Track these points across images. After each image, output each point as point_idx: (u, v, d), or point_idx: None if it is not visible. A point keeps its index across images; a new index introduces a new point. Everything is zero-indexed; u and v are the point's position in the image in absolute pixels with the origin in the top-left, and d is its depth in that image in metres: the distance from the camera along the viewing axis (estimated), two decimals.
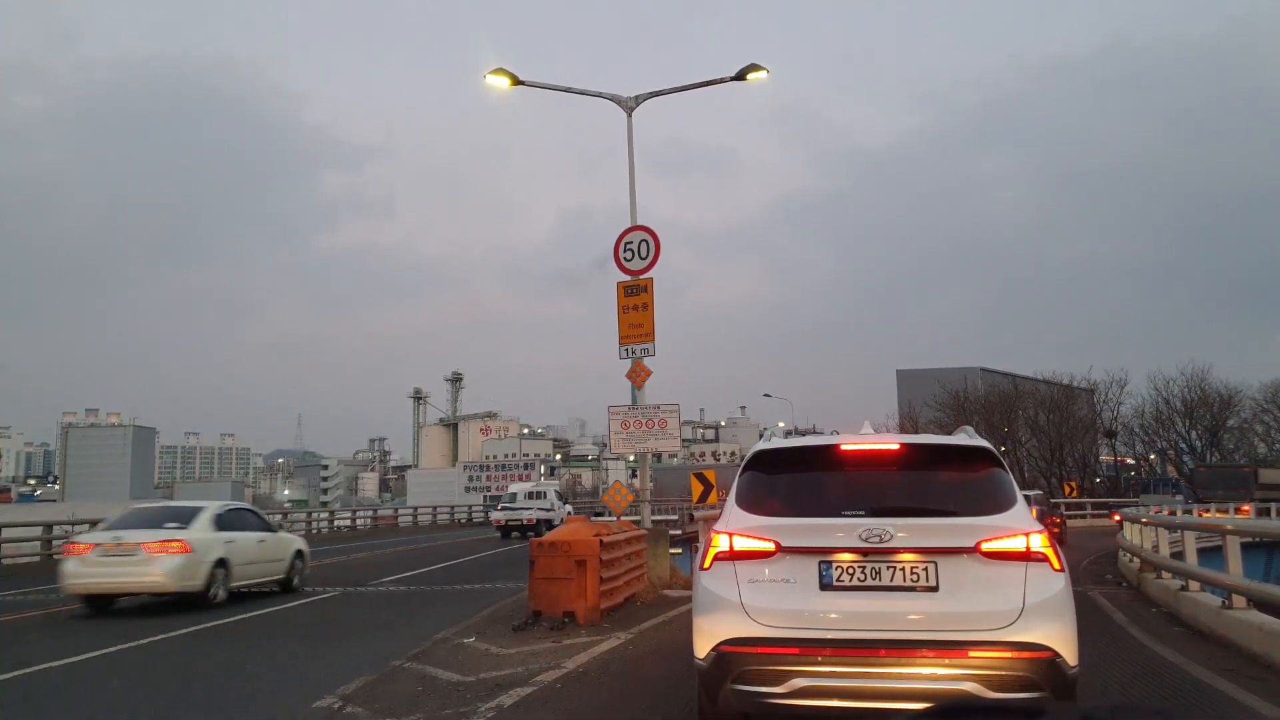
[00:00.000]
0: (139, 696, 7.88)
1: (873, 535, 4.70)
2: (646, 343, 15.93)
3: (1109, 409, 66.53)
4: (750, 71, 17.00)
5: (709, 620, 4.90)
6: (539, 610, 10.57)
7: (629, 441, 15.75)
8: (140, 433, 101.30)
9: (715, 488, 17.60)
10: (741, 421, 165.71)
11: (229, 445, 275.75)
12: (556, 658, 8.48)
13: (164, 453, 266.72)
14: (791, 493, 5.28)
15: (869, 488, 5.22)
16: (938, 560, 4.67)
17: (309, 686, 7.61)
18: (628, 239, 16.24)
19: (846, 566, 4.73)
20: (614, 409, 15.80)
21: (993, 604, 4.58)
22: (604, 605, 10.91)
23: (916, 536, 4.72)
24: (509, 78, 16.93)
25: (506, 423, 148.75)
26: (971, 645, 4.49)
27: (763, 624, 4.73)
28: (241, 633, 11.51)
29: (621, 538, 11.91)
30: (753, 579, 4.84)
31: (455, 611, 12.39)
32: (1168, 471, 67.89)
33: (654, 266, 16.11)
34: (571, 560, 10.51)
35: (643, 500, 15.98)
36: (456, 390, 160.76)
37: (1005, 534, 4.72)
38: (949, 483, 5.27)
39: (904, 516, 4.86)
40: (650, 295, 16.04)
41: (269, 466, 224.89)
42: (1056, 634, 4.55)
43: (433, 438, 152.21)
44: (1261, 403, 67.08)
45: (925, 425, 70.58)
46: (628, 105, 16.94)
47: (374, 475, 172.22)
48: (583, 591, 10.45)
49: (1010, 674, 4.46)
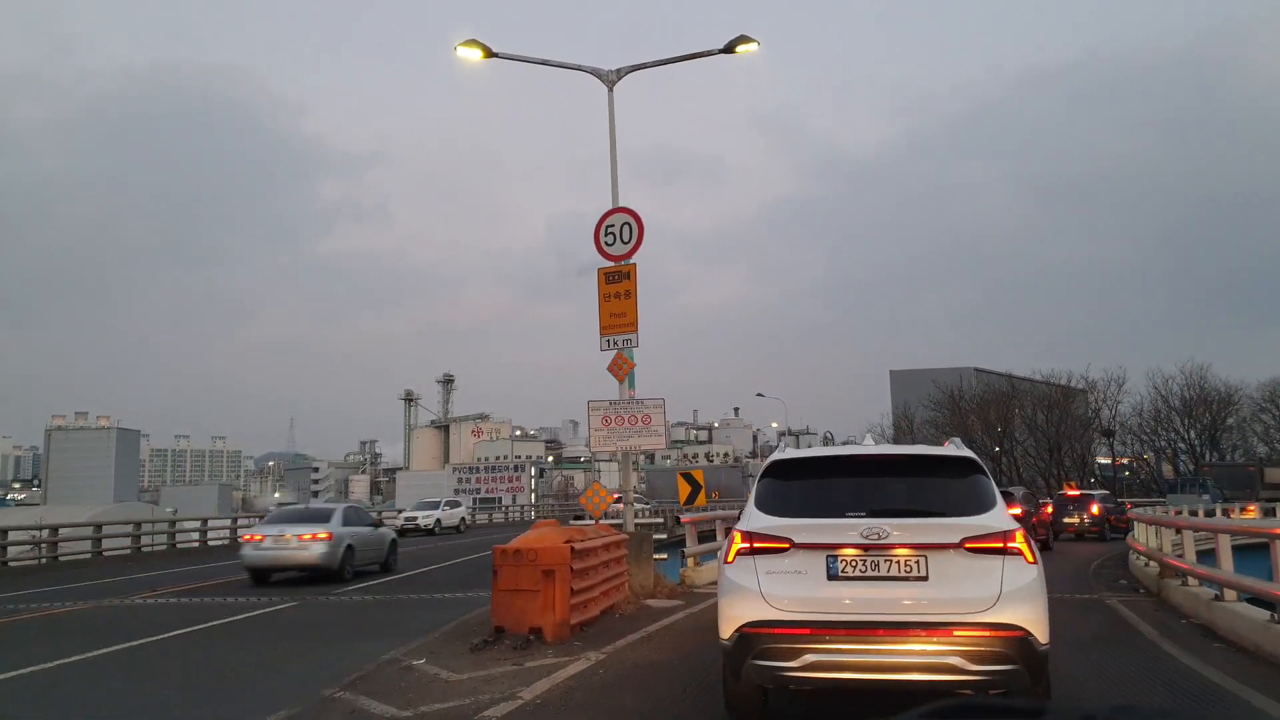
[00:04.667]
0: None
1: (872, 533, 5.34)
2: (629, 333, 14.80)
3: (1107, 408, 65.67)
4: (739, 44, 15.88)
5: (733, 605, 5.54)
6: (502, 626, 9.43)
7: (611, 439, 14.59)
8: (125, 435, 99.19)
9: (704, 488, 16.48)
10: (734, 423, 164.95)
11: (220, 448, 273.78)
12: (513, 685, 7.34)
13: (154, 456, 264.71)
14: (802, 496, 5.91)
15: (869, 492, 5.85)
16: (928, 554, 5.32)
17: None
18: (609, 222, 15.11)
19: (850, 560, 5.38)
20: (594, 404, 14.65)
21: (974, 591, 5.22)
22: (576, 620, 9.78)
23: (909, 534, 5.36)
24: (481, 49, 15.76)
25: (498, 424, 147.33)
26: (956, 626, 5.15)
27: (779, 609, 5.37)
28: (173, 653, 10.36)
29: (598, 544, 10.77)
30: (770, 570, 5.49)
31: (416, 624, 11.26)
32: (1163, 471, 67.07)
33: (637, 251, 14.97)
34: (538, 570, 9.37)
35: (626, 502, 14.79)
36: (448, 392, 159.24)
37: (986, 531, 5.36)
38: (938, 487, 5.91)
39: (899, 517, 5.49)
40: (633, 282, 14.91)
41: (260, 469, 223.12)
42: (1029, 616, 5.20)
43: (424, 440, 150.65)
44: (1260, 401, 66.30)
45: (920, 425, 69.96)
46: (609, 79, 15.81)
47: (365, 478, 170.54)
48: (550, 605, 9.31)
49: (989, 649, 5.11)
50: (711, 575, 15.95)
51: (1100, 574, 18.96)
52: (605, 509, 14.23)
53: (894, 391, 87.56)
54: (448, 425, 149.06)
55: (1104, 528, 31.39)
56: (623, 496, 14.96)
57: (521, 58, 16.49)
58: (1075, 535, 31.18)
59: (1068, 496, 34.23)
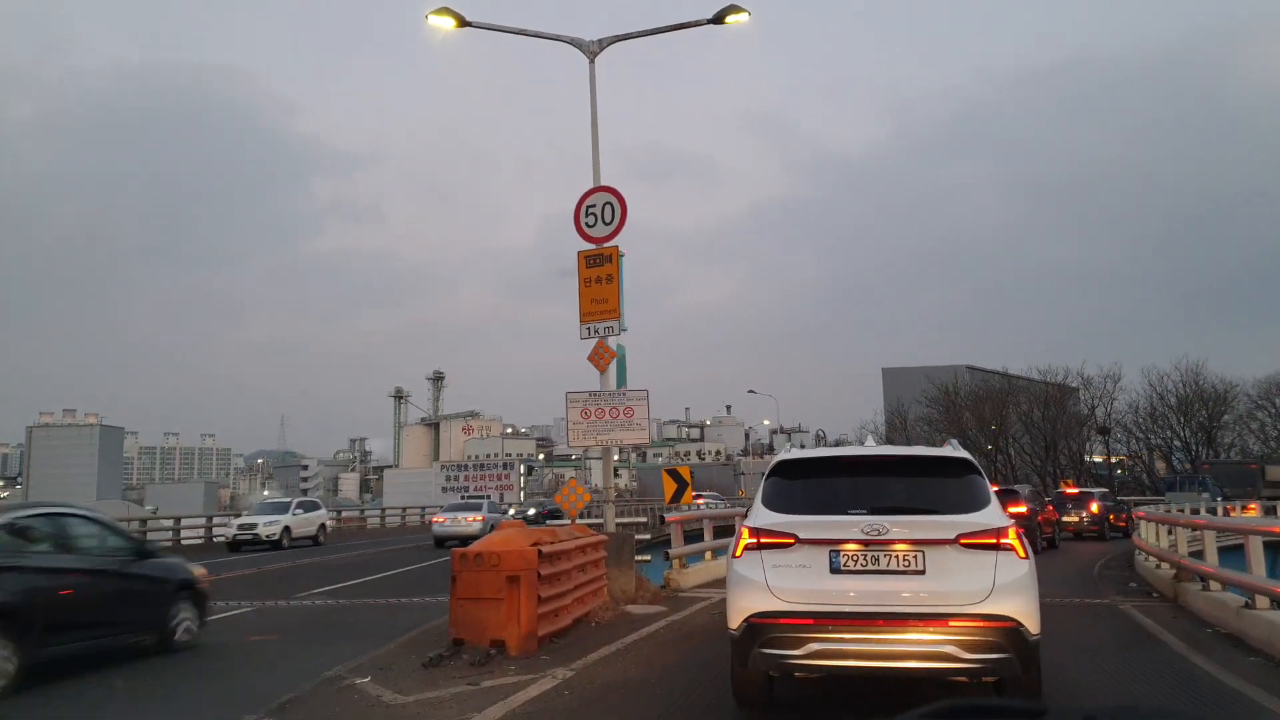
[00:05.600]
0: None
1: (872, 529, 5.53)
2: (611, 320, 13.86)
3: (1103, 406, 64.93)
4: (729, 14, 14.90)
5: (741, 597, 5.76)
6: (461, 639, 8.48)
7: (590, 433, 13.65)
8: (108, 432, 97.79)
9: (691, 486, 15.54)
10: (727, 421, 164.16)
11: (209, 446, 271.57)
12: (463, 710, 6.38)
13: (143, 453, 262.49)
14: (806, 494, 6.16)
15: (870, 490, 6.04)
16: (925, 549, 5.52)
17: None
18: (589, 202, 14.17)
19: (851, 554, 5.59)
20: (573, 395, 13.71)
21: (969, 584, 5.42)
22: (545, 631, 8.83)
23: (908, 530, 5.56)
24: (455, 19, 14.77)
25: (489, 422, 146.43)
26: (951, 617, 5.35)
27: (784, 600, 5.59)
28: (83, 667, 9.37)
29: (570, 546, 9.82)
30: (776, 564, 5.71)
31: (374, 633, 10.32)
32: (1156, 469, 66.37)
33: (620, 233, 14.03)
34: (501, 576, 8.41)
35: (606, 500, 13.82)
36: (438, 389, 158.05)
37: (979, 528, 5.56)
38: (935, 487, 6.12)
39: (898, 514, 5.67)
40: (616, 266, 13.96)
41: (249, 467, 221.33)
42: (1020, 608, 5.40)
43: (414, 437, 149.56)
44: (1256, 399, 65.65)
45: (914, 422, 69.26)
46: (590, 50, 14.84)
47: (354, 475, 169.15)
48: (515, 615, 8.36)
49: (982, 639, 5.32)
50: (698, 578, 15.03)
51: (1106, 575, 18.09)
52: (582, 508, 13.26)
53: (886, 389, 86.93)
54: (438, 423, 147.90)
55: (1103, 527, 30.75)
56: (603, 495, 14.01)
57: (497, 27, 15.52)
58: (1074, 534, 30.42)
59: (1066, 495, 33.46)
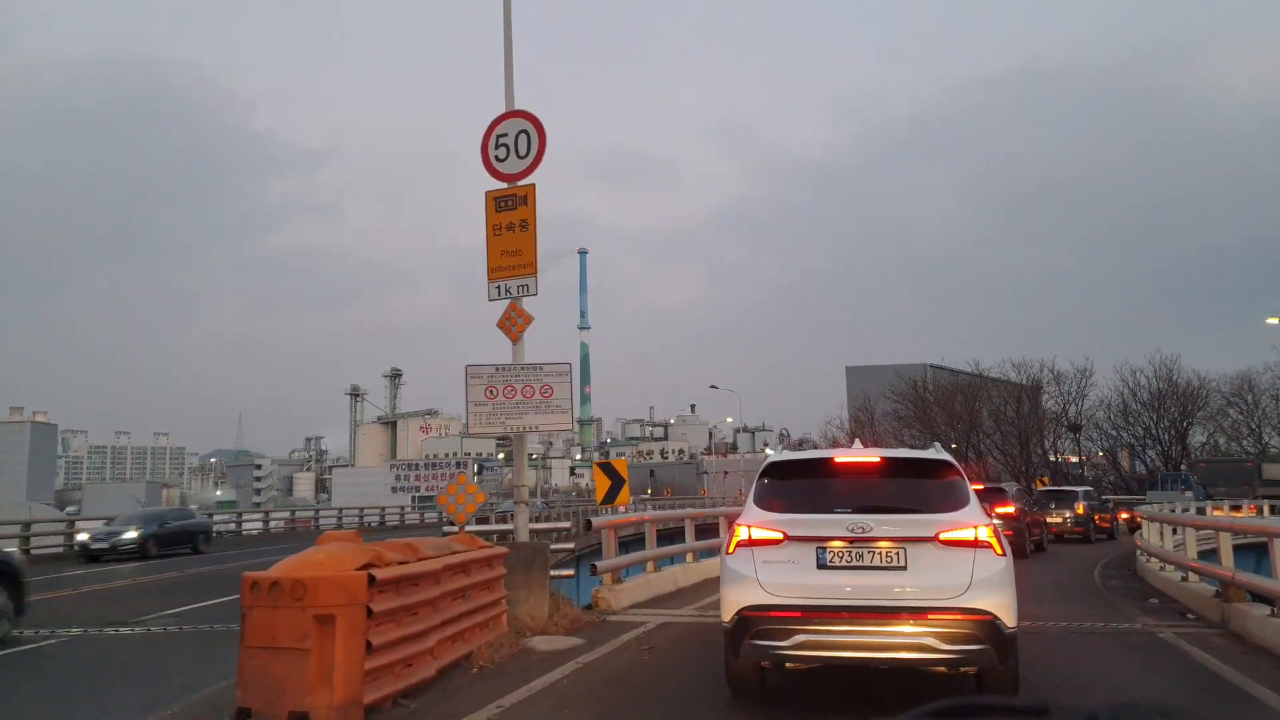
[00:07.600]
0: None
1: (857, 527, 5.92)
2: (526, 277, 11.09)
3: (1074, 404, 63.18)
4: None
5: (733, 591, 6.17)
6: (248, 708, 5.66)
7: (497, 416, 10.84)
8: (39, 430, 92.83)
9: (628, 483, 12.79)
10: (690, 419, 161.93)
11: (163, 445, 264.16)
12: None
13: (93, 453, 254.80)
14: (795, 494, 6.58)
15: (855, 490, 6.47)
16: (907, 546, 5.90)
17: None
18: (500, 130, 11.38)
19: (837, 551, 5.96)
20: (474, 370, 10.88)
21: (948, 579, 5.79)
22: (388, 690, 6.04)
23: (890, 528, 5.95)
24: None
25: (448, 420, 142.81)
26: (931, 610, 5.73)
27: (773, 594, 5.99)
28: None
29: (434, 566, 6.97)
30: (766, 560, 6.10)
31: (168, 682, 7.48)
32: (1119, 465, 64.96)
33: (537, 169, 11.29)
34: (309, 616, 5.60)
35: (517, 500, 11.02)
36: (396, 387, 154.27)
37: (958, 527, 5.95)
38: (918, 487, 6.51)
39: (881, 513, 6.06)
40: (532, 209, 11.19)
41: (201, 466, 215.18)
42: (996, 602, 5.76)
43: (370, 436, 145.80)
44: (1228, 395, 64.30)
45: (881, 417, 67.19)
46: None
47: (309, 475, 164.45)
48: (326, 673, 5.55)
49: (960, 631, 5.67)
50: (636, 595, 12.30)
51: (1113, 586, 15.63)
52: (474, 511, 10.42)
53: (850, 387, 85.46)
54: (395, 421, 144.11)
55: (1089, 528, 28.63)
56: (514, 495, 11.15)
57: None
58: (1056, 536, 28.19)
59: (1049, 494, 31.31)
